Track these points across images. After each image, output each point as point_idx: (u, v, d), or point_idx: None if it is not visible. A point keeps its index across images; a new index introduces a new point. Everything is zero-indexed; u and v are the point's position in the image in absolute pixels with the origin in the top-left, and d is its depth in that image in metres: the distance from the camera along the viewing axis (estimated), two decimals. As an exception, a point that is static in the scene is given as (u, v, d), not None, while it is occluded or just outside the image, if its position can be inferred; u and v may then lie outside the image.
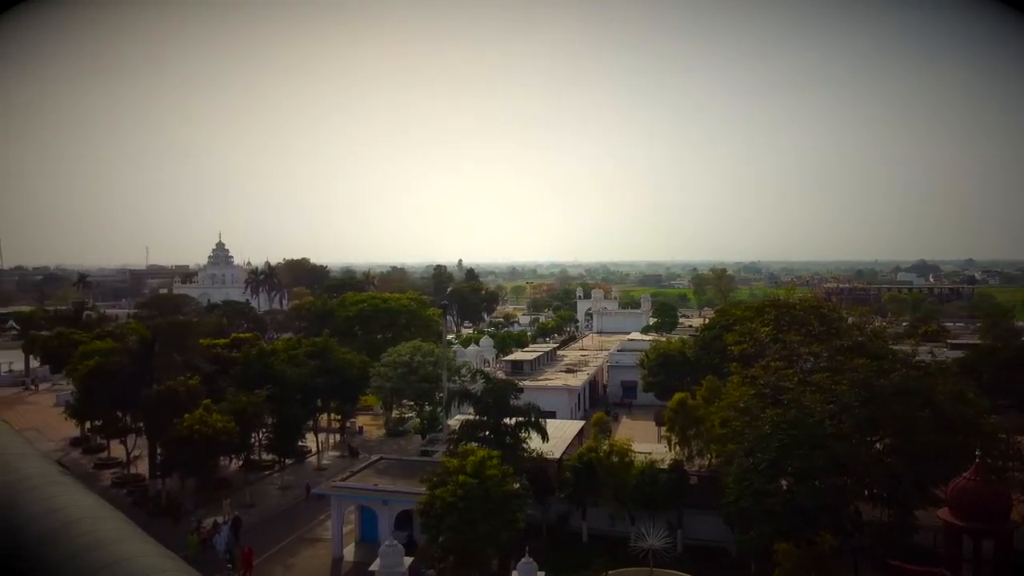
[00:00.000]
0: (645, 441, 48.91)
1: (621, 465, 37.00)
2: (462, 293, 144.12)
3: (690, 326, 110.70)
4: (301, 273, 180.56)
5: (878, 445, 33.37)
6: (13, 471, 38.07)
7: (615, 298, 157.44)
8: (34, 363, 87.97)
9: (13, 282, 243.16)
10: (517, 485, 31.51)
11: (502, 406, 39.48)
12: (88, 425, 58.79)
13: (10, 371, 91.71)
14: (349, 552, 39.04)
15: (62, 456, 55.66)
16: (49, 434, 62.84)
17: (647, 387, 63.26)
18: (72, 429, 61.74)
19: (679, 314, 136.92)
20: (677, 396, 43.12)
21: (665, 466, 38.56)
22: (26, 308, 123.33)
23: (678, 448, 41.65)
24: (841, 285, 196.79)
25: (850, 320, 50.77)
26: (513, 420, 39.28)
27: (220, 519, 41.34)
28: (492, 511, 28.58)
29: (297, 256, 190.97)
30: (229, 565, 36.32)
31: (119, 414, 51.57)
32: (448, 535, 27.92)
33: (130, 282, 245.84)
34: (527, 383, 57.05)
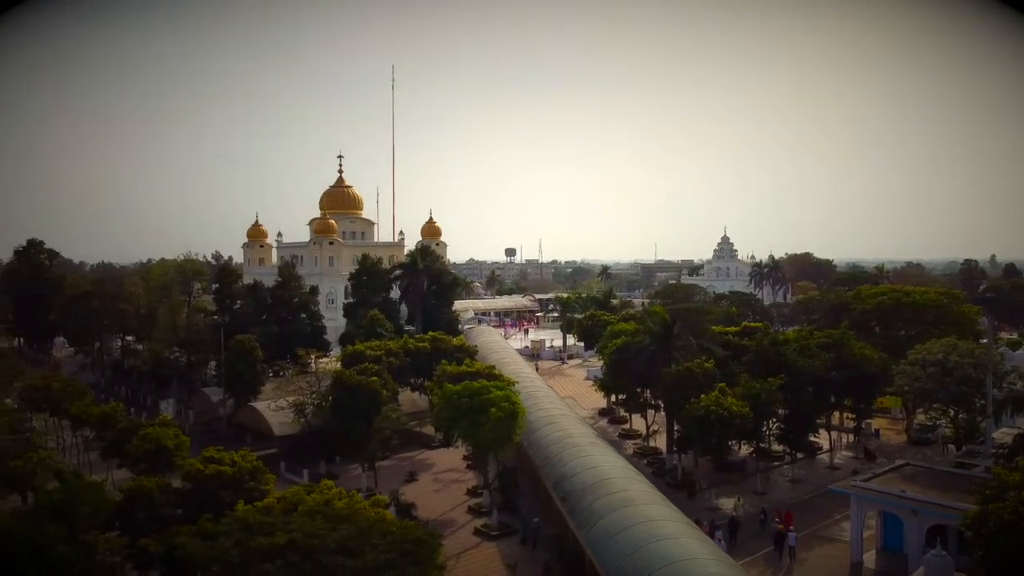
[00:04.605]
0: None
1: None
2: (1001, 290, 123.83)
3: None
4: (805, 267, 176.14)
5: None
6: (560, 429, 44.16)
7: None
8: (569, 340, 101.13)
9: (550, 273, 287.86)
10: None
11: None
12: (613, 398, 65.32)
13: (551, 347, 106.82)
14: (869, 559, 36.13)
15: (592, 424, 62.74)
16: (581, 403, 71.25)
17: None
18: (599, 400, 69.21)
19: None
20: None
21: None
22: (563, 294, 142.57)
23: None
24: None
25: None
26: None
27: (733, 509, 41.98)
28: (1067, 542, 23.42)
29: (800, 251, 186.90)
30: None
31: (640, 390, 55.95)
32: (1006, 559, 23.70)
33: (641, 275, 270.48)
34: (1102, 399, 46.04)
